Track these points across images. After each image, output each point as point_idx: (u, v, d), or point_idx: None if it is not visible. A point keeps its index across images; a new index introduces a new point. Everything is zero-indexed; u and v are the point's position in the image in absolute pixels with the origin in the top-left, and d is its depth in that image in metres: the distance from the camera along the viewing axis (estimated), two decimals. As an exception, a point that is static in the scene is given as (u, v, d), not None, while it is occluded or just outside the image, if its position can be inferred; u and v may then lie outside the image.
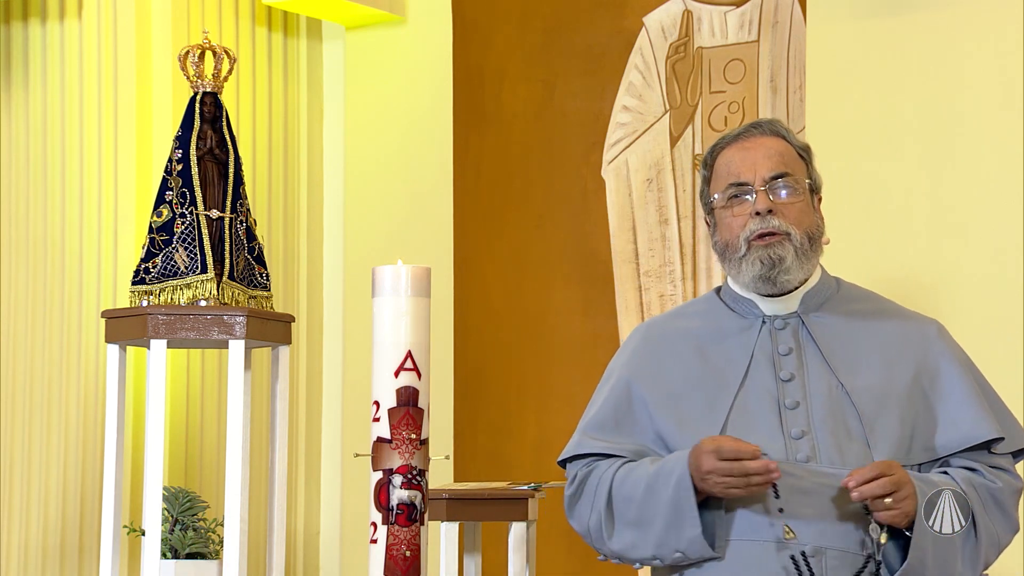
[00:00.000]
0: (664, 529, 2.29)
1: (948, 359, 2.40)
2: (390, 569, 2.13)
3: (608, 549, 2.37)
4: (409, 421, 2.16)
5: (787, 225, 2.35)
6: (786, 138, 2.42)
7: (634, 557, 2.34)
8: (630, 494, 2.33)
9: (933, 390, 2.38)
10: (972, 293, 3.54)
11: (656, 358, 2.43)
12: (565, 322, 4.19)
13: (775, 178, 2.37)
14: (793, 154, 2.41)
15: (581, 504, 2.40)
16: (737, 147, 2.41)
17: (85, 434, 3.90)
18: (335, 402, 4.44)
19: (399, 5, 4.42)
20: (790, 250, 2.35)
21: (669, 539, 2.29)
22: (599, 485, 2.37)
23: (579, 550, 4.10)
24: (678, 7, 4.12)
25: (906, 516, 2.26)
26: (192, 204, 3.43)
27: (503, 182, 4.31)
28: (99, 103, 4.02)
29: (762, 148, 2.39)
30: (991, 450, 2.37)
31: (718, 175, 2.41)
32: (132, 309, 3.38)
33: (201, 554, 3.55)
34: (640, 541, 2.32)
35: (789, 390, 2.35)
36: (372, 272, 2.21)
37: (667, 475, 2.29)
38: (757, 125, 2.43)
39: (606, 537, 2.36)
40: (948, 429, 2.36)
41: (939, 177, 3.62)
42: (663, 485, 2.29)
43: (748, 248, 2.36)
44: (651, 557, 2.32)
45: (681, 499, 2.27)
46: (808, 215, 2.38)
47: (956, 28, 3.60)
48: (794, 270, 2.36)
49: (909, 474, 2.28)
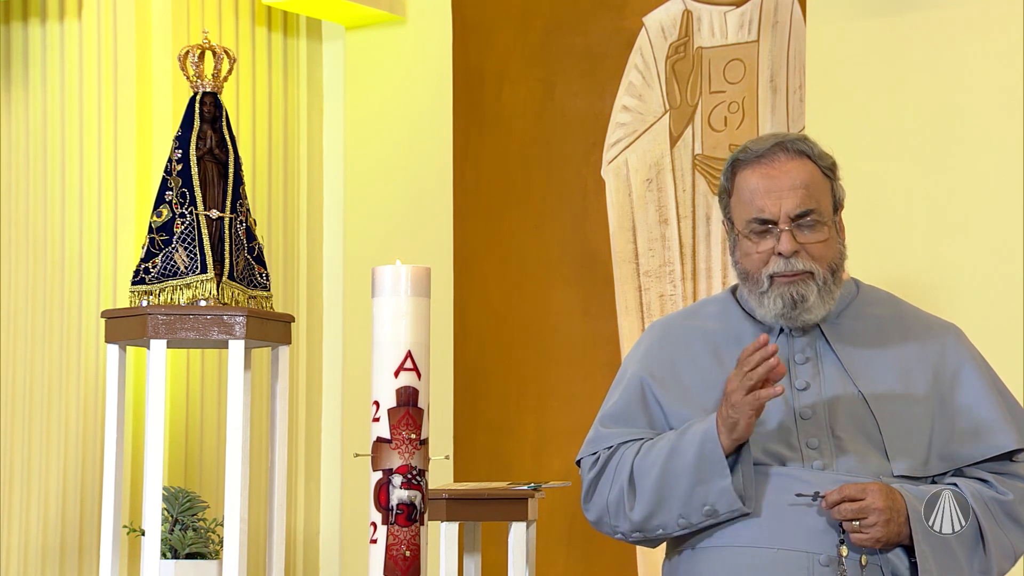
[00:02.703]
0: (691, 486, 2.25)
1: (968, 366, 2.38)
2: (390, 569, 2.13)
3: (628, 521, 2.32)
4: (409, 421, 2.16)
5: (811, 264, 2.33)
6: (811, 157, 2.36)
7: (657, 523, 2.29)
8: (654, 459, 2.31)
9: (952, 398, 2.36)
10: (972, 293, 3.54)
11: (670, 358, 2.42)
12: (565, 322, 4.19)
13: (800, 216, 2.33)
14: (819, 177, 2.35)
15: (602, 483, 2.36)
16: (761, 172, 2.35)
17: (85, 434, 3.90)
18: (335, 402, 4.44)
19: (399, 5, 4.42)
20: (813, 289, 2.33)
21: (697, 495, 2.25)
22: (621, 461, 2.34)
23: (579, 550, 4.11)
24: (678, 7, 4.12)
25: (877, 542, 2.25)
26: (192, 204, 3.42)
27: (503, 182, 4.31)
28: (99, 103, 4.02)
29: (787, 177, 2.33)
30: (1013, 459, 2.36)
31: (740, 199, 2.36)
32: (132, 309, 3.38)
33: (201, 554, 3.55)
34: (665, 502, 2.28)
35: (804, 398, 2.34)
36: (372, 272, 2.21)
37: (692, 434, 2.27)
38: (782, 145, 2.36)
39: (627, 509, 2.32)
40: (967, 438, 2.34)
41: (939, 177, 3.61)
42: (688, 444, 2.27)
43: (771, 284, 2.34)
44: (676, 518, 2.28)
45: (708, 451, 2.24)
46: (832, 247, 2.35)
47: (956, 28, 3.60)
48: (816, 308, 2.34)
49: (905, 496, 2.26)
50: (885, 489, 2.25)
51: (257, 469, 4.02)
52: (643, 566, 4.05)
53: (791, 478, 2.27)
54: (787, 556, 2.26)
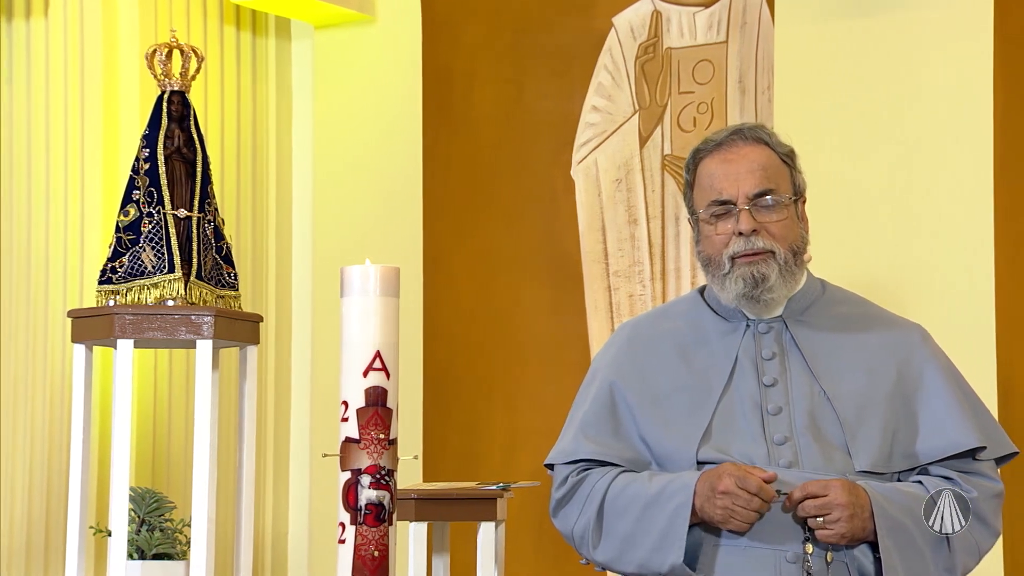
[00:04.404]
0: (650, 551, 2.30)
1: (931, 365, 2.40)
2: (358, 569, 2.12)
3: (592, 555, 2.38)
4: (378, 421, 2.15)
5: (771, 243, 2.34)
6: (769, 144, 2.39)
7: (617, 569, 2.36)
8: (624, 509, 2.33)
9: (916, 397, 2.37)
10: (939, 294, 3.56)
11: (639, 361, 2.43)
12: (534, 322, 4.19)
13: (759, 195, 2.34)
14: (776, 162, 2.38)
15: (570, 508, 2.39)
16: (720, 158, 2.37)
17: (51, 434, 3.88)
18: (303, 402, 4.43)
19: (368, 4, 4.41)
20: (774, 268, 2.34)
21: (654, 561, 2.30)
22: (592, 493, 2.37)
23: (548, 550, 4.11)
24: (647, 8, 4.13)
25: (842, 537, 2.26)
26: (159, 203, 3.41)
27: (472, 182, 4.31)
28: (66, 102, 3.99)
29: (745, 161, 2.36)
30: (976, 457, 2.37)
31: (700, 186, 2.39)
32: (99, 309, 3.36)
33: (168, 555, 3.53)
34: (625, 556, 2.33)
35: (772, 395, 2.35)
36: (340, 272, 2.20)
37: (668, 498, 2.30)
38: (739, 132, 2.39)
39: (591, 546, 2.36)
40: (931, 437, 2.35)
41: (907, 178, 3.63)
42: (661, 508, 2.30)
43: (732, 265, 2.35)
44: (637, 570, 2.33)
45: (675, 525, 2.27)
46: (792, 229, 2.37)
47: (924, 29, 3.62)
48: (778, 288, 2.35)
49: (869, 492, 2.27)
50: (848, 485, 2.26)
51: (225, 469, 4.01)
52: (612, 566, 4.06)
53: None
54: (754, 553, 2.27)
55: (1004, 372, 3.48)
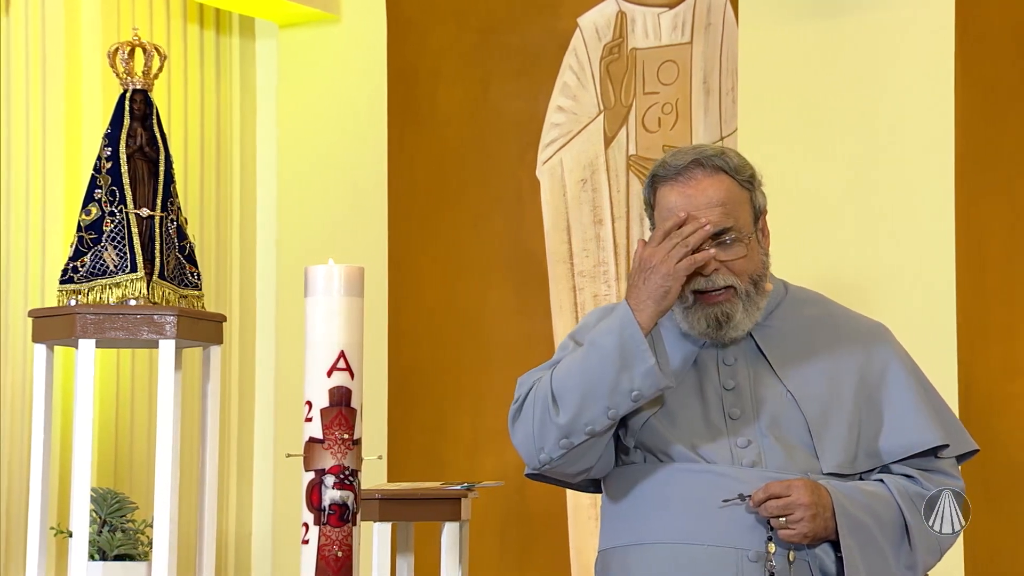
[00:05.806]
0: (615, 374, 2.25)
1: (894, 364, 2.41)
2: (322, 570, 2.12)
3: (556, 429, 2.29)
4: (342, 421, 2.15)
5: (731, 279, 2.34)
6: (728, 171, 2.35)
7: (585, 420, 2.27)
8: (571, 364, 2.31)
9: (878, 395, 2.38)
10: (902, 294, 3.58)
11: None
12: (500, 322, 4.19)
13: (718, 234, 2.32)
14: (736, 192, 2.35)
15: (524, 410, 2.34)
16: (679, 191, 2.34)
17: (12, 434, 3.85)
18: (267, 402, 4.41)
19: (333, 3, 4.40)
20: (738, 306, 2.34)
21: (623, 382, 2.25)
22: (540, 384, 2.34)
23: (512, 550, 4.11)
24: (612, 8, 4.13)
25: (804, 537, 2.26)
26: (122, 202, 3.39)
27: (438, 182, 4.31)
28: (27, 100, 3.96)
29: (704, 196, 2.33)
30: (938, 455, 2.39)
31: (660, 214, 2.37)
32: (60, 308, 3.34)
33: (130, 556, 3.51)
34: (591, 397, 2.27)
35: (733, 399, 2.36)
36: (305, 272, 2.19)
37: (607, 325, 2.28)
38: (699, 162, 2.35)
39: (552, 416, 2.29)
40: (893, 435, 2.36)
41: (870, 179, 3.65)
42: (606, 334, 2.27)
43: (694, 301, 2.35)
44: (605, 410, 2.27)
45: (628, 336, 2.24)
46: (752, 260, 2.36)
47: (887, 32, 3.64)
48: (743, 323, 2.36)
49: (830, 491, 2.28)
50: (810, 485, 2.27)
51: (188, 470, 3.99)
52: (576, 565, 4.06)
53: (720, 476, 2.29)
54: (716, 552, 2.28)
55: (964, 370, 3.51)
